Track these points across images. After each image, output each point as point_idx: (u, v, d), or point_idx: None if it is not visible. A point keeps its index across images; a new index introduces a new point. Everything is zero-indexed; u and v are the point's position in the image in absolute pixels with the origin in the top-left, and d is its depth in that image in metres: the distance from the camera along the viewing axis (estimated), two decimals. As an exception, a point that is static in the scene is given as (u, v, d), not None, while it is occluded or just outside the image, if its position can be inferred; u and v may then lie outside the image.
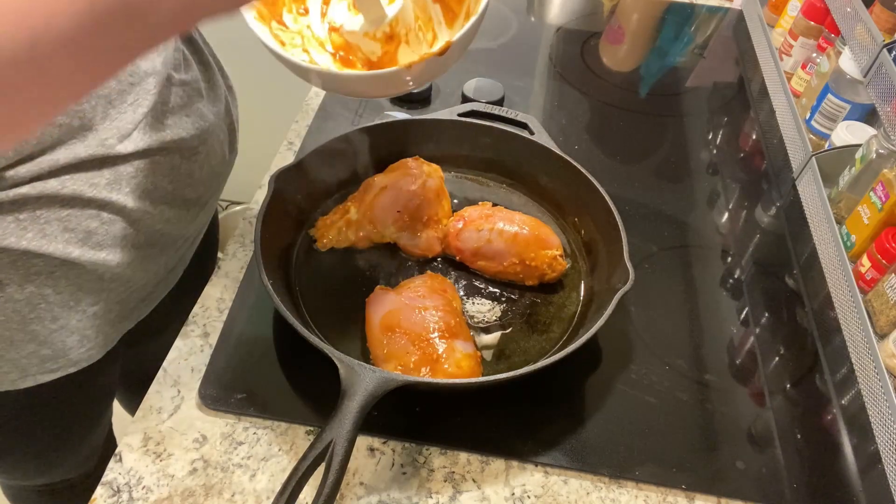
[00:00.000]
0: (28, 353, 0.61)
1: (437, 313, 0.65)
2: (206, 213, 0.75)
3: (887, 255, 0.70)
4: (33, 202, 0.55)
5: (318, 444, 0.51)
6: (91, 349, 0.65)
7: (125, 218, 0.61)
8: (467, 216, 0.74)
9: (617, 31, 1.23)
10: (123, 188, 0.60)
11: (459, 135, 0.83)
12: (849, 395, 0.69)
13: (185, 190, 0.67)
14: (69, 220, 0.57)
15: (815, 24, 0.97)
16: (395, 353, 0.63)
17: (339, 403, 0.54)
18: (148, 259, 0.66)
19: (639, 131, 0.99)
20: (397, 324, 0.64)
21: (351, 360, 0.56)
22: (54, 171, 0.55)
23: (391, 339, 0.63)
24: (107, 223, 0.60)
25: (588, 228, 0.77)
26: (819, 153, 0.87)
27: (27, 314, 0.59)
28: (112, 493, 0.57)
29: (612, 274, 0.69)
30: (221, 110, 0.73)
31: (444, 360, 0.62)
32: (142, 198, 0.62)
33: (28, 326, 0.60)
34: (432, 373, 0.61)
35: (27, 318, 0.59)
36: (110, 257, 0.61)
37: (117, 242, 0.61)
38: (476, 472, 0.60)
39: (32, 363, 0.62)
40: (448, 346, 0.63)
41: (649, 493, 0.60)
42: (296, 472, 0.50)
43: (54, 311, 0.60)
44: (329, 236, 0.75)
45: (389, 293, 0.68)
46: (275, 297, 0.61)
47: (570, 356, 0.60)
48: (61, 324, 0.61)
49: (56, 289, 0.59)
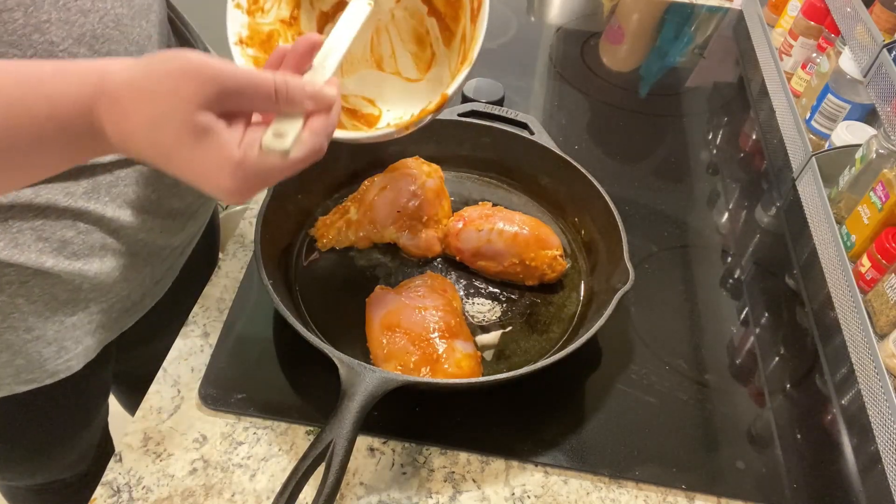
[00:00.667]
0: (2, 362, 0.59)
1: (437, 313, 0.65)
2: (195, 224, 0.73)
3: (887, 255, 0.70)
4: (5, 210, 0.53)
5: (319, 444, 0.51)
6: (70, 360, 0.63)
7: (104, 227, 0.59)
8: (467, 216, 0.74)
9: (617, 31, 1.23)
10: (102, 197, 0.58)
11: (459, 135, 0.83)
12: (849, 395, 0.69)
13: (171, 200, 0.65)
14: (43, 230, 0.55)
15: (815, 24, 0.97)
16: (395, 353, 0.63)
17: (339, 403, 0.54)
18: (130, 269, 0.64)
19: (639, 131, 0.99)
20: (397, 324, 0.64)
21: (351, 360, 0.56)
22: None
23: (391, 339, 0.63)
24: (84, 233, 0.58)
25: (588, 228, 0.77)
26: (819, 153, 0.87)
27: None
28: (112, 493, 0.57)
29: (612, 274, 0.69)
30: None
31: (444, 360, 0.62)
32: (122, 207, 0.60)
33: (1, 336, 0.58)
34: (432, 373, 0.61)
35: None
36: (87, 267, 0.59)
37: (95, 252, 0.59)
38: (476, 472, 0.60)
39: (7, 373, 0.60)
40: (448, 346, 0.62)
41: (649, 493, 0.60)
42: (296, 472, 0.50)
43: (28, 320, 0.58)
44: (329, 236, 0.75)
45: (390, 293, 0.68)
46: (275, 297, 0.61)
47: (570, 356, 0.60)
48: (36, 334, 0.59)
49: (29, 298, 0.57)
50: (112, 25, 0.54)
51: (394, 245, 0.76)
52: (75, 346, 0.63)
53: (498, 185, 0.84)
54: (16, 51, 0.48)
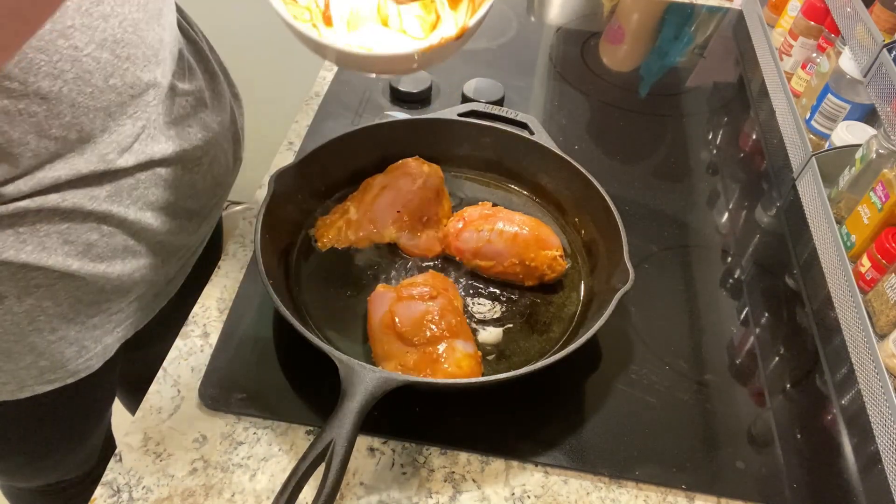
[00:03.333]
0: (26, 364, 0.61)
1: (437, 312, 0.65)
2: (208, 224, 0.75)
3: (887, 255, 0.70)
4: (33, 215, 0.55)
5: (318, 444, 0.51)
6: (90, 359, 0.65)
7: (126, 230, 0.61)
8: (467, 216, 0.74)
9: (617, 31, 1.23)
10: (124, 200, 0.59)
11: (459, 135, 0.83)
12: (849, 395, 0.69)
13: (188, 201, 0.67)
14: (69, 233, 0.57)
15: (815, 24, 0.97)
16: (395, 352, 0.63)
17: (339, 403, 0.54)
18: (149, 270, 0.66)
19: (639, 131, 0.99)
20: (398, 322, 0.64)
21: (351, 360, 0.56)
22: (55, 186, 0.55)
23: (391, 338, 0.63)
24: (107, 235, 0.59)
25: (588, 228, 0.77)
26: (819, 153, 0.87)
27: (26, 326, 0.58)
28: (112, 493, 0.57)
29: (612, 274, 0.69)
30: (226, 119, 0.72)
31: (444, 359, 0.62)
32: (142, 210, 0.61)
33: (27, 339, 0.59)
34: (432, 372, 0.61)
35: (25, 330, 0.58)
36: (110, 269, 0.61)
37: (118, 254, 0.61)
38: (476, 472, 0.60)
39: (31, 374, 0.62)
40: (448, 346, 0.62)
41: (649, 493, 0.60)
42: (296, 471, 0.50)
43: (53, 322, 0.60)
44: (329, 236, 0.75)
45: (390, 291, 0.68)
46: (275, 297, 0.61)
47: (571, 356, 0.60)
48: (60, 335, 0.61)
49: (56, 301, 0.59)
50: (130, 30, 0.55)
51: (394, 245, 0.76)
52: (95, 345, 0.64)
53: (498, 186, 0.84)
54: (43, 56, 0.49)
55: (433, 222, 0.75)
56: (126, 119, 0.58)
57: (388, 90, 0.98)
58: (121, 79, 0.55)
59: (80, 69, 0.52)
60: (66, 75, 0.51)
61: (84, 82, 0.52)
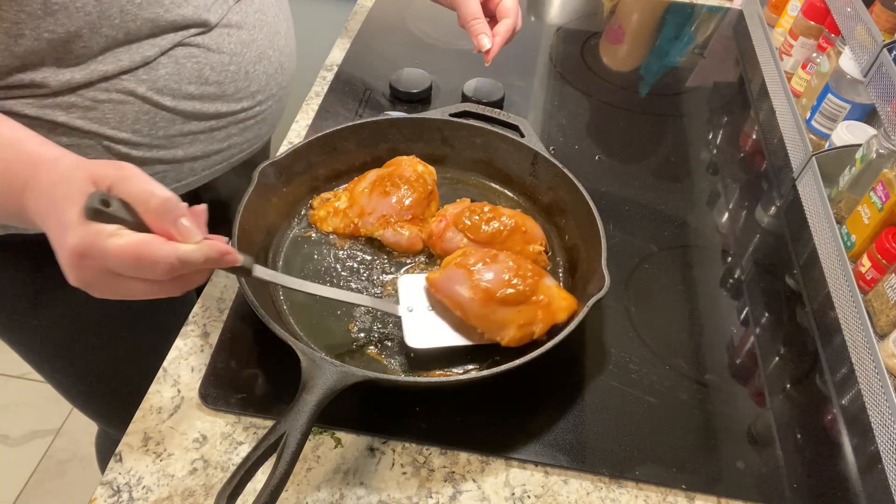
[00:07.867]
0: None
1: (507, 262, 0.65)
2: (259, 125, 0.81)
3: (887, 255, 0.70)
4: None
5: (272, 434, 0.51)
6: None
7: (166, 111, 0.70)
8: (448, 215, 0.74)
9: (617, 31, 1.23)
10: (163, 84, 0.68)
11: (450, 134, 0.83)
12: (849, 395, 0.69)
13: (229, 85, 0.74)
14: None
15: (816, 24, 0.97)
16: (510, 318, 0.63)
17: (297, 396, 0.53)
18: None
19: (639, 131, 0.99)
20: (493, 291, 0.63)
21: (312, 352, 0.56)
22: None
23: (496, 308, 0.63)
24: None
25: (572, 234, 0.76)
26: (819, 153, 0.87)
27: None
28: (112, 493, 0.57)
29: (589, 280, 0.68)
30: (281, 18, 0.81)
31: (552, 300, 0.64)
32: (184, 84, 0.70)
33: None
34: (552, 316, 0.64)
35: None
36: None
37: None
38: (476, 472, 0.60)
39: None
40: (543, 287, 0.64)
41: (649, 493, 0.60)
42: (245, 461, 0.49)
43: None
44: (321, 214, 0.77)
45: (456, 270, 0.66)
46: (246, 289, 0.61)
47: (569, 356, 0.59)
48: None
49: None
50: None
51: (377, 240, 0.76)
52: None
53: (487, 186, 0.84)
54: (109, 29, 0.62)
55: (419, 220, 0.75)
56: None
57: (389, 90, 0.98)
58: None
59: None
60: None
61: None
